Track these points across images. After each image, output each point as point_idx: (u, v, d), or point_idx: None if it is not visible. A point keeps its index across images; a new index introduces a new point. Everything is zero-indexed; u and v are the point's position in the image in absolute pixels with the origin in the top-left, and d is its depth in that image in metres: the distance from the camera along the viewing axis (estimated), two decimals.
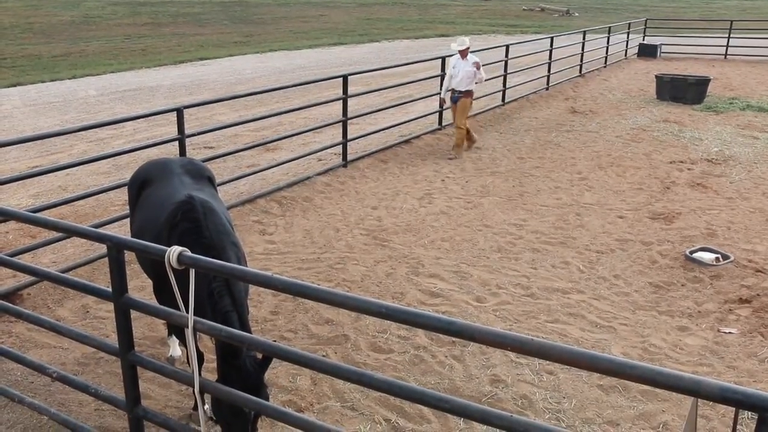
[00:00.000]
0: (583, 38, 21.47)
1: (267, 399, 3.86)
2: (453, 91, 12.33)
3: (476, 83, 12.29)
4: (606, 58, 24.55)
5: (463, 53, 12.11)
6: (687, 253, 7.60)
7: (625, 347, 5.74)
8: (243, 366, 3.75)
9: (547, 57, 18.94)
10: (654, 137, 13.55)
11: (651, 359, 5.52)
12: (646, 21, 30.67)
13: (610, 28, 24.91)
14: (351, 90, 11.16)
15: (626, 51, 27.39)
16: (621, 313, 6.36)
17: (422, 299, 6.56)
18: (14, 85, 20.78)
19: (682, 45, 27.36)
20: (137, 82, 21.29)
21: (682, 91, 17.32)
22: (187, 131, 8.12)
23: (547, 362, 5.26)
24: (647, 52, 27.28)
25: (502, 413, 2.75)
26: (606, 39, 24.75)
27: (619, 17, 45.50)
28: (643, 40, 29.09)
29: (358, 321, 6.04)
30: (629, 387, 5.10)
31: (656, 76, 18.27)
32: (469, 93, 12.27)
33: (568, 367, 5.06)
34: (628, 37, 27.60)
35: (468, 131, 12.64)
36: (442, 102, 13.09)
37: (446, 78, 12.51)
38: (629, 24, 27.98)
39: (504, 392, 5.08)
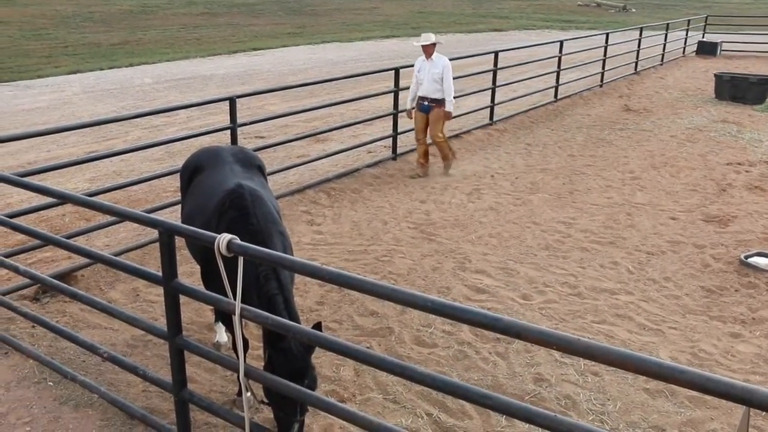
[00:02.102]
0: (640, 35, 20.97)
1: (314, 381, 3.90)
2: (421, 98, 10.21)
3: (447, 97, 10.03)
4: (663, 55, 23.95)
5: (428, 51, 9.98)
6: (742, 257, 7.39)
7: (674, 351, 5.61)
8: (289, 349, 3.78)
9: (602, 54, 18.61)
10: (711, 138, 13.20)
11: (700, 365, 5.38)
12: (706, 18, 29.86)
13: (668, 24, 24.31)
14: (402, 83, 11.13)
15: (684, 48, 26.65)
16: (670, 317, 6.22)
17: (468, 295, 6.53)
18: (74, 72, 21.30)
19: (745, 42, 26.56)
20: (191, 71, 21.63)
21: (742, 90, 16.79)
22: (239, 120, 8.22)
23: (593, 363, 5.17)
24: (706, 49, 26.54)
25: (546, 412, 2.71)
26: (663, 36, 24.16)
27: (677, 14, 44.38)
28: (703, 37, 28.34)
29: (403, 314, 6.04)
30: (677, 392, 4.98)
31: (715, 75, 17.77)
32: (442, 103, 10.08)
33: (614, 369, 4.98)
34: (686, 34, 26.86)
35: (449, 147, 10.69)
36: (409, 115, 10.54)
37: (412, 85, 10.36)
38: (688, 21, 27.26)
39: (547, 391, 5.02)
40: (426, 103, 10.19)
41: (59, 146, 11.87)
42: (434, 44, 9.93)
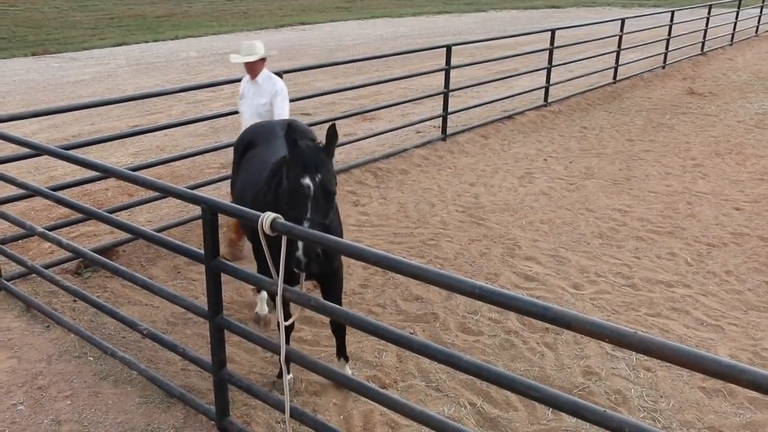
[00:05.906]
0: (708, 13, 20.05)
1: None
2: None
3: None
4: (733, 35, 22.73)
5: (253, 70, 6.29)
6: None
7: (733, 349, 5.34)
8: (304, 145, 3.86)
9: (666, 33, 17.93)
10: None
11: (763, 364, 5.11)
12: None
13: (740, 1, 23.02)
14: (454, 61, 10.88)
15: (757, 27, 25.09)
16: (731, 312, 5.92)
17: (517, 282, 6.34)
18: (119, 45, 21.58)
19: None
20: (237, 45, 21.64)
21: None
22: None
23: (645, 358, 4.98)
24: None
25: (595, 407, 2.63)
26: (735, 14, 22.87)
27: None
28: None
29: (449, 300, 5.90)
30: (736, 392, 4.74)
31: None
32: None
33: (668, 364, 4.76)
34: (761, 12, 25.48)
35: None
36: None
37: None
38: None
39: (597, 386, 4.82)
40: None
41: (103, 119, 11.98)
42: (263, 59, 6.35)
